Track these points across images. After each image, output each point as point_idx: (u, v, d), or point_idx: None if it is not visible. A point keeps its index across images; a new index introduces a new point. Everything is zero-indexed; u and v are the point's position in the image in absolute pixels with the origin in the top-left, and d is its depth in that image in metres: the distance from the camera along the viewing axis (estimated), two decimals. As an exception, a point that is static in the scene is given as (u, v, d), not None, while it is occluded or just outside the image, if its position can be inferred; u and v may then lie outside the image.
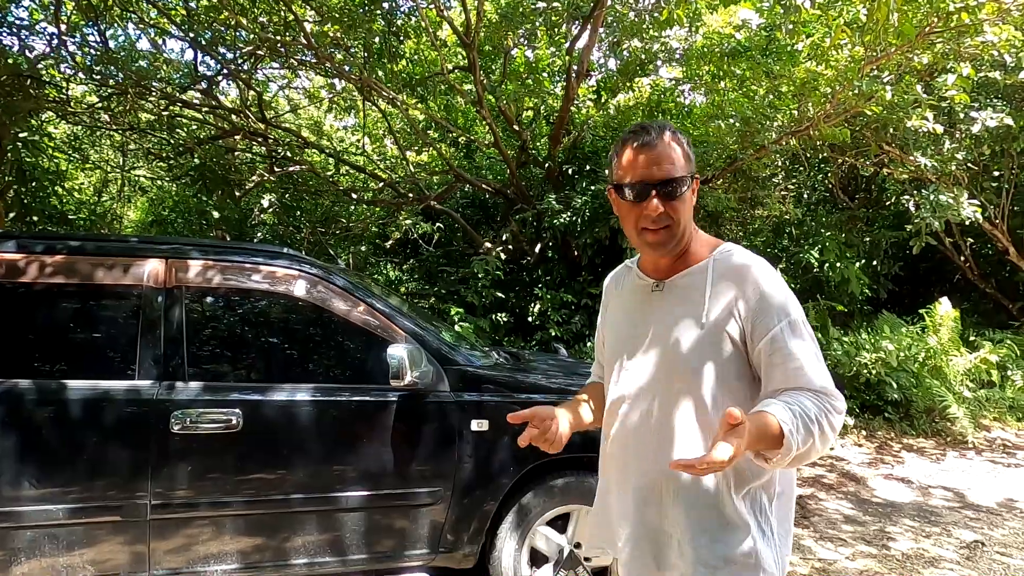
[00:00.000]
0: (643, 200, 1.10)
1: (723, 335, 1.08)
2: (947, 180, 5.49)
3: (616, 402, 1.21)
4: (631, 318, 1.22)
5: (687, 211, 1.13)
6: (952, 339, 6.12)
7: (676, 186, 1.10)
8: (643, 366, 1.16)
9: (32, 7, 5.82)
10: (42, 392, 1.97)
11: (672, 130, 1.14)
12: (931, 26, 4.17)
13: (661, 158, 1.10)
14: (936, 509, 3.86)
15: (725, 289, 1.10)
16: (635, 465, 1.16)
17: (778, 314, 1.06)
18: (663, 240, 1.12)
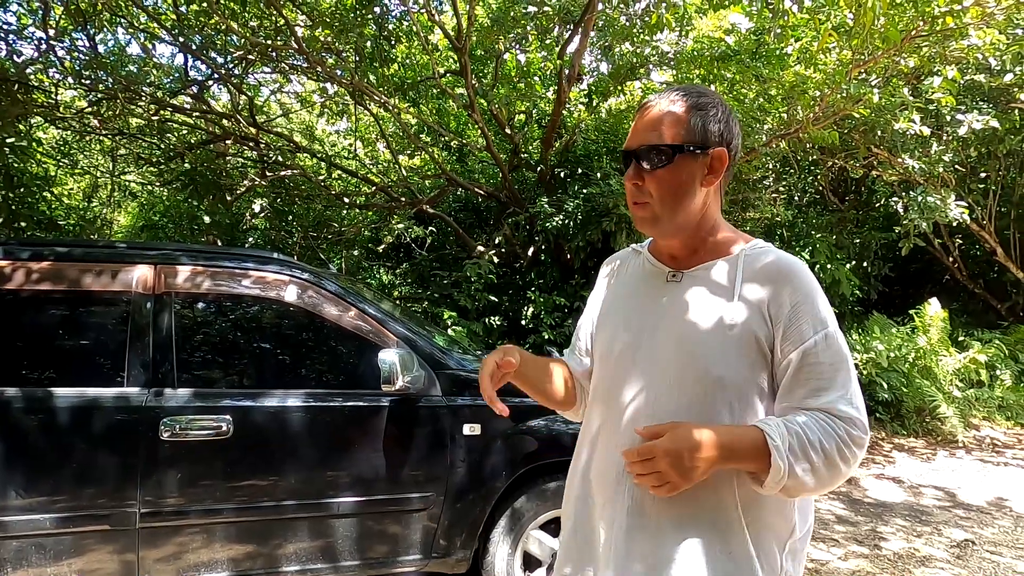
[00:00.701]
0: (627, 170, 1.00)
1: (751, 339, 0.94)
2: (935, 182, 5.55)
3: (618, 406, 1.02)
4: (639, 306, 1.05)
5: (675, 187, 0.97)
6: (941, 339, 6.18)
7: (653, 155, 0.95)
8: (653, 363, 0.99)
9: (20, 12, 5.78)
10: (30, 400, 1.95)
11: (685, 93, 0.98)
12: (917, 30, 4.22)
13: (650, 124, 0.98)
14: (927, 509, 3.89)
15: (757, 288, 0.96)
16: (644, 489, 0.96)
17: (815, 324, 0.93)
18: (643, 218, 1.00)
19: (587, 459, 1.08)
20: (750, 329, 0.94)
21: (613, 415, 1.03)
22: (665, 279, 1.05)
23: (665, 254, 1.07)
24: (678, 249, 1.05)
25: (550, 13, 5.57)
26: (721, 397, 0.94)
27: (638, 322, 1.04)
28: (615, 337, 1.06)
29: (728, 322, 0.95)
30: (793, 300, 0.94)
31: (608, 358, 1.07)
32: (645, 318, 1.03)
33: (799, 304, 0.94)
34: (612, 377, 1.05)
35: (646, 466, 0.89)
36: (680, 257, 1.05)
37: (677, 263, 1.05)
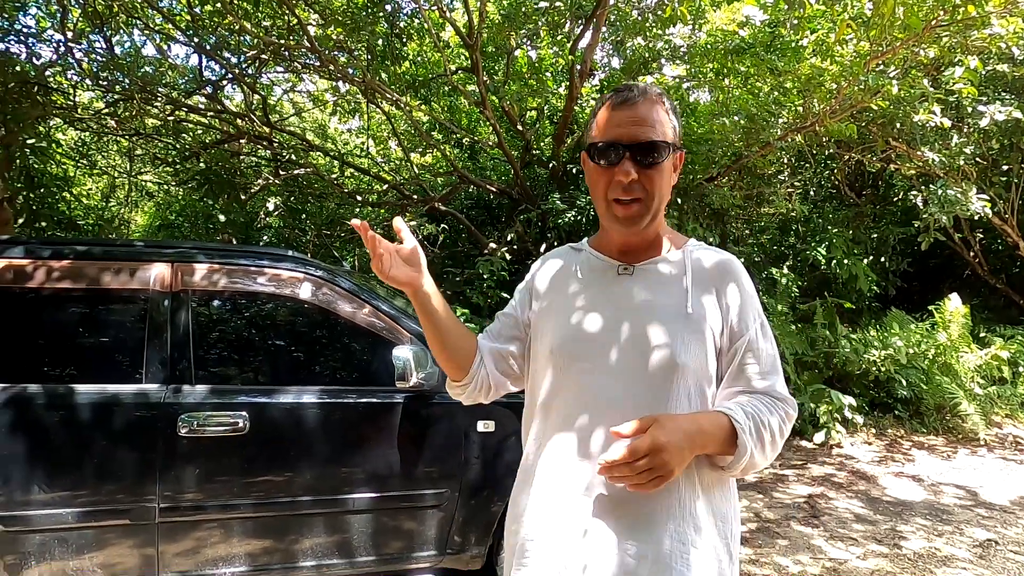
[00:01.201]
0: (615, 164, 0.98)
1: (706, 328, 0.99)
2: (955, 175, 5.43)
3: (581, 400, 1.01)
4: (593, 303, 1.05)
5: (664, 184, 1.00)
6: (962, 336, 6.06)
7: (653, 152, 0.97)
8: (615, 354, 1.00)
9: (39, 15, 5.87)
10: (51, 396, 1.98)
11: (661, 92, 1.02)
12: (937, 19, 4.13)
13: (640, 118, 0.98)
14: (948, 507, 3.82)
15: (706, 282, 1.03)
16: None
17: (755, 315, 1.03)
18: (634, 215, 1.00)
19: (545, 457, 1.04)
20: (704, 319, 1.00)
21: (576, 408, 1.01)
22: (616, 272, 1.06)
23: (615, 249, 1.08)
24: (637, 244, 1.06)
25: (562, 8, 5.54)
26: (683, 385, 0.98)
27: (592, 316, 1.04)
28: (574, 333, 1.04)
29: (686, 312, 1.00)
30: (739, 293, 1.02)
31: (571, 356, 1.03)
32: (601, 311, 1.03)
33: (743, 297, 1.02)
34: (576, 373, 1.02)
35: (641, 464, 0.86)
36: (635, 251, 1.07)
37: (628, 257, 1.07)
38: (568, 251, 1.16)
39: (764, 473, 4.50)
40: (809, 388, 5.58)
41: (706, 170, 5.98)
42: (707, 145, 5.86)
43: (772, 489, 4.13)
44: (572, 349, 1.03)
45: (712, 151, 5.77)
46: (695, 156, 6.08)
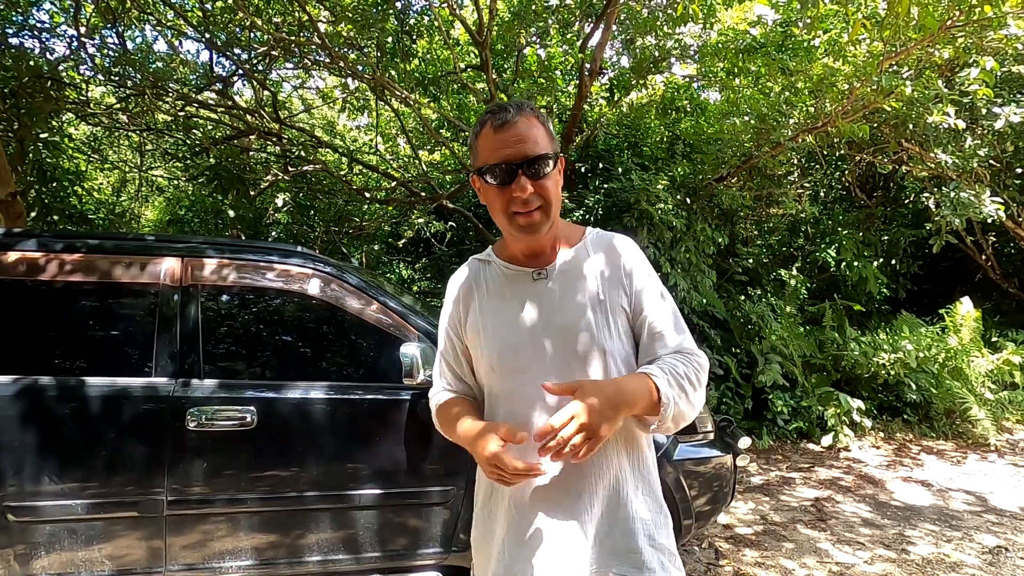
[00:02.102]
0: (510, 182, 1.06)
1: (619, 308, 1.12)
2: (968, 177, 5.37)
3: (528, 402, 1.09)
4: (517, 311, 1.12)
5: (556, 190, 1.10)
6: (973, 340, 6.00)
7: (542, 164, 1.06)
8: (547, 354, 1.09)
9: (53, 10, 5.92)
10: (61, 388, 2.00)
11: (531, 107, 1.10)
12: (953, 20, 4.08)
13: (522, 136, 1.05)
14: (957, 513, 3.79)
15: (608, 267, 1.14)
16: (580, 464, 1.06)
17: (654, 287, 1.15)
18: (538, 221, 1.08)
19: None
20: (616, 301, 1.12)
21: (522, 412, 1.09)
22: (531, 279, 1.15)
23: (521, 256, 1.16)
24: (542, 247, 1.15)
25: (572, 6, 5.52)
26: (613, 367, 1.09)
27: (523, 322, 1.12)
28: (508, 342, 1.12)
29: (600, 299, 1.11)
30: (637, 269, 1.14)
31: (509, 363, 1.12)
32: (526, 318, 1.12)
33: (639, 273, 1.14)
34: (510, 381, 1.11)
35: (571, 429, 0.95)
36: (541, 255, 1.15)
37: (536, 261, 1.16)
38: (476, 265, 1.24)
39: (771, 476, 4.47)
40: (817, 390, 5.55)
41: (716, 170, 5.95)
42: (717, 145, 5.83)
43: (779, 492, 4.11)
44: (508, 359, 1.12)
45: (722, 151, 5.74)
46: (705, 156, 6.04)
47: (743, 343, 5.77)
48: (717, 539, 3.29)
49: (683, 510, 2.39)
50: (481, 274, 1.21)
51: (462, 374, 1.23)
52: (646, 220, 5.28)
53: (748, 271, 6.63)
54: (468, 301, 1.20)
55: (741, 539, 3.30)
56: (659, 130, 6.86)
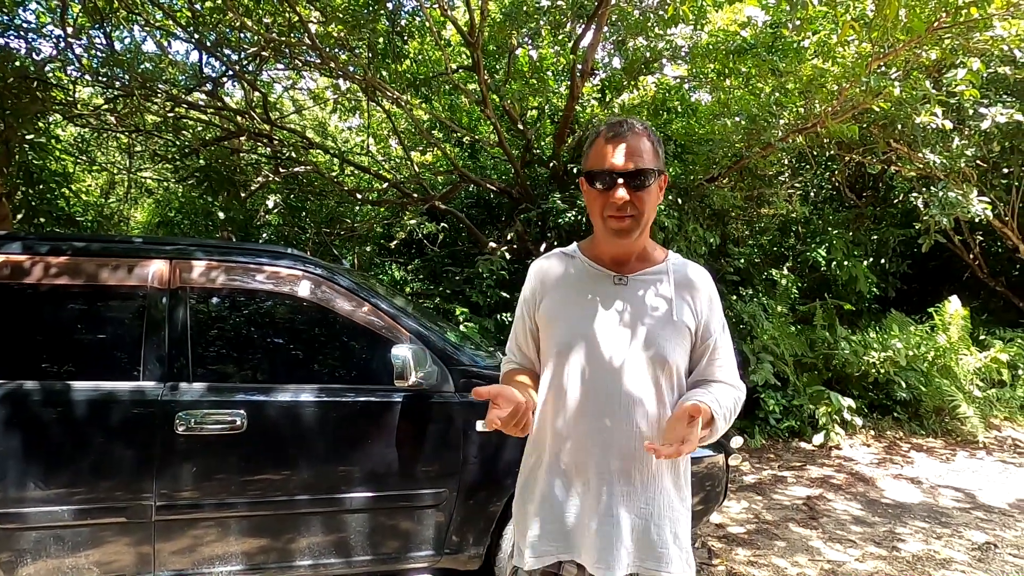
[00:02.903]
0: (610, 188, 1.16)
1: (686, 329, 1.22)
2: (956, 177, 5.43)
3: (590, 390, 1.19)
4: (595, 306, 1.23)
5: (652, 203, 1.20)
6: (962, 338, 6.06)
7: (643, 177, 1.16)
8: (623, 353, 1.19)
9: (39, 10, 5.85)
10: (47, 393, 1.97)
11: (646, 127, 1.21)
12: (940, 21, 4.12)
13: (631, 150, 1.16)
14: (946, 510, 3.82)
15: (686, 292, 1.25)
16: (623, 454, 1.17)
17: (720, 321, 1.28)
18: (628, 228, 1.18)
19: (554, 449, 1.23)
20: (686, 323, 1.22)
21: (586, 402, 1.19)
22: (612, 282, 1.25)
23: (608, 260, 1.26)
24: (628, 255, 1.25)
25: (563, 7, 5.53)
26: (671, 379, 1.21)
27: (595, 318, 1.22)
28: (574, 332, 1.22)
29: (673, 318, 1.21)
30: (710, 302, 1.27)
31: (567, 352, 1.22)
32: (601, 314, 1.22)
33: (713, 305, 1.27)
34: (583, 367, 1.20)
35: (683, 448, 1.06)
36: (625, 262, 1.26)
37: (620, 268, 1.26)
38: (562, 256, 1.32)
39: (763, 475, 4.49)
40: (808, 389, 5.58)
41: (707, 170, 5.97)
42: (708, 146, 5.85)
43: (771, 491, 4.13)
44: (579, 345, 1.21)
45: (713, 152, 5.76)
46: (696, 156, 6.06)
47: (735, 343, 5.79)
48: (710, 538, 3.30)
49: (676, 510, 2.40)
50: (565, 266, 1.30)
51: (527, 350, 1.34)
52: (638, 220, 5.29)
53: (739, 271, 6.67)
54: (547, 287, 1.29)
55: (734, 538, 3.32)
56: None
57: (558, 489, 1.21)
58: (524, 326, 1.32)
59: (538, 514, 1.22)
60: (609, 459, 1.17)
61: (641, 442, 1.16)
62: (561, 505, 1.20)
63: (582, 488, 1.19)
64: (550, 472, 1.22)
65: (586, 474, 1.18)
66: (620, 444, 1.17)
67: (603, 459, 1.17)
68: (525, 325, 1.32)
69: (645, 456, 1.17)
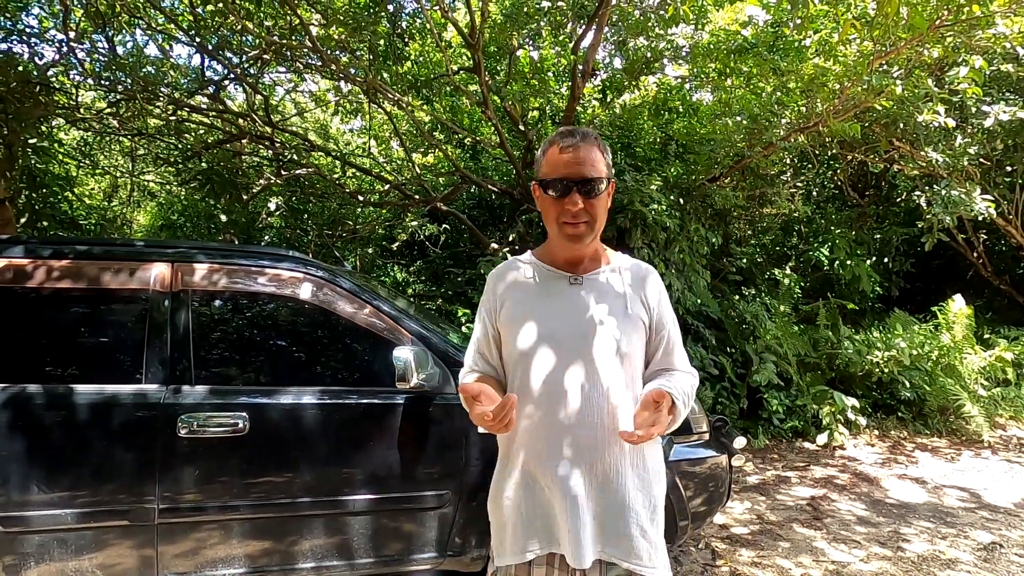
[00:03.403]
0: (565, 196, 1.23)
1: (640, 322, 1.29)
2: (959, 175, 5.41)
3: (550, 387, 1.24)
4: (552, 307, 1.29)
5: (603, 210, 1.27)
6: (966, 337, 6.03)
7: (595, 185, 1.23)
8: (578, 351, 1.24)
9: (42, 15, 5.88)
10: (50, 396, 1.97)
11: (596, 136, 1.28)
12: (942, 19, 4.11)
13: (584, 159, 1.23)
14: (951, 510, 3.80)
15: (638, 288, 1.32)
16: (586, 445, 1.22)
17: (670, 314, 1.36)
18: (582, 233, 1.25)
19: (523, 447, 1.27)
20: (640, 316, 1.29)
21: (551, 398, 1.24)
22: (568, 282, 1.31)
23: (562, 262, 1.33)
24: (581, 257, 1.32)
25: (564, 8, 5.53)
26: (627, 369, 1.27)
27: (554, 318, 1.28)
28: (535, 332, 1.27)
29: (628, 311, 1.28)
30: (660, 296, 1.34)
31: (530, 352, 1.27)
32: (560, 313, 1.28)
33: (662, 300, 1.35)
34: (543, 366, 1.25)
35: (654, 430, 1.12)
36: (580, 263, 1.32)
37: (574, 268, 1.32)
38: (517, 262, 1.39)
39: (767, 475, 4.48)
40: (812, 389, 5.56)
41: (708, 170, 5.96)
42: (709, 145, 5.84)
43: (774, 491, 4.12)
44: (539, 346, 1.26)
45: (714, 151, 5.75)
46: (697, 156, 6.05)
47: (738, 343, 5.78)
48: (713, 539, 3.29)
49: (679, 511, 2.39)
50: (521, 271, 1.37)
51: (490, 357, 1.38)
52: (640, 221, 5.28)
53: (742, 271, 6.65)
54: (506, 293, 1.35)
55: (737, 539, 3.30)
56: (652, 131, 6.87)
57: (528, 486, 1.26)
58: (486, 333, 1.37)
59: (511, 512, 1.27)
60: (574, 453, 1.22)
61: (604, 434, 1.22)
62: (532, 501, 1.25)
63: (550, 483, 1.23)
64: (521, 470, 1.27)
65: (554, 469, 1.22)
66: (584, 437, 1.22)
67: (568, 453, 1.22)
68: (487, 332, 1.36)
69: (608, 449, 1.22)
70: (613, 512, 1.22)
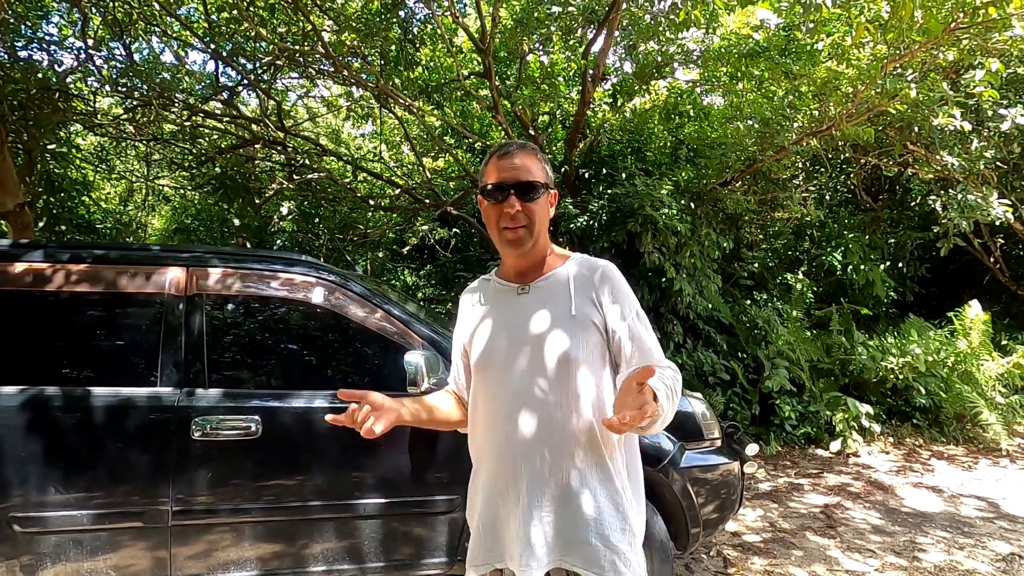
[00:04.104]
0: (503, 200, 1.26)
1: (590, 324, 1.25)
2: (975, 179, 5.33)
3: (500, 400, 1.26)
4: (500, 321, 1.31)
5: (542, 215, 1.29)
6: (983, 343, 5.94)
7: (532, 188, 1.26)
8: (524, 361, 1.25)
9: (61, 23, 5.99)
10: (66, 398, 2.00)
11: (534, 148, 1.32)
12: (957, 22, 4.07)
13: (520, 166, 1.27)
14: (969, 520, 3.74)
15: (585, 286, 1.28)
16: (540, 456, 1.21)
17: (629, 306, 1.28)
18: (521, 237, 1.26)
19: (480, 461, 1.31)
20: (588, 316, 1.25)
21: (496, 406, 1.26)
22: (516, 293, 1.32)
23: (513, 274, 1.35)
24: (527, 266, 1.33)
25: (575, 13, 5.54)
26: (579, 373, 1.22)
27: (502, 332, 1.29)
28: (488, 347, 1.29)
29: (572, 314, 1.25)
30: (611, 291, 1.28)
31: (486, 367, 1.29)
32: (509, 327, 1.29)
33: (615, 293, 1.28)
34: (493, 380, 1.27)
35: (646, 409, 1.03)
36: (527, 272, 1.33)
37: (524, 278, 1.33)
38: (481, 283, 1.42)
39: (779, 482, 4.43)
40: (825, 395, 5.50)
41: (720, 174, 5.93)
42: (721, 149, 5.82)
43: (787, 499, 4.07)
44: (488, 361, 1.29)
45: (726, 155, 5.72)
46: (708, 160, 6.03)
47: (749, 348, 5.73)
48: (725, 547, 3.26)
49: (690, 518, 2.37)
50: (482, 290, 1.40)
51: (459, 377, 1.43)
52: (650, 225, 5.27)
53: (753, 275, 6.60)
54: (468, 314, 1.39)
55: (749, 547, 3.27)
56: (663, 135, 6.86)
57: (487, 499, 1.27)
58: (457, 354, 1.42)
59: (475, 525, 1.30)
60: (524, 463, 1.21)
61: (559, 443, 1.20)
62: (491, 514, 1.27)
63: (504, 494, 1.24)
64: (482, 484, 1.30)
65: (506, 480, 1.24)
66: (533, 447, 1.21)
67: (519, 464, 1.22)
68: (458, 353, 1.42)
69: (565, 458, 1.20)
70: (571, 520, 1.20)
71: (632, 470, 1.29)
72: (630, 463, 1.29)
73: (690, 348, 5.51)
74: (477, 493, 1.31)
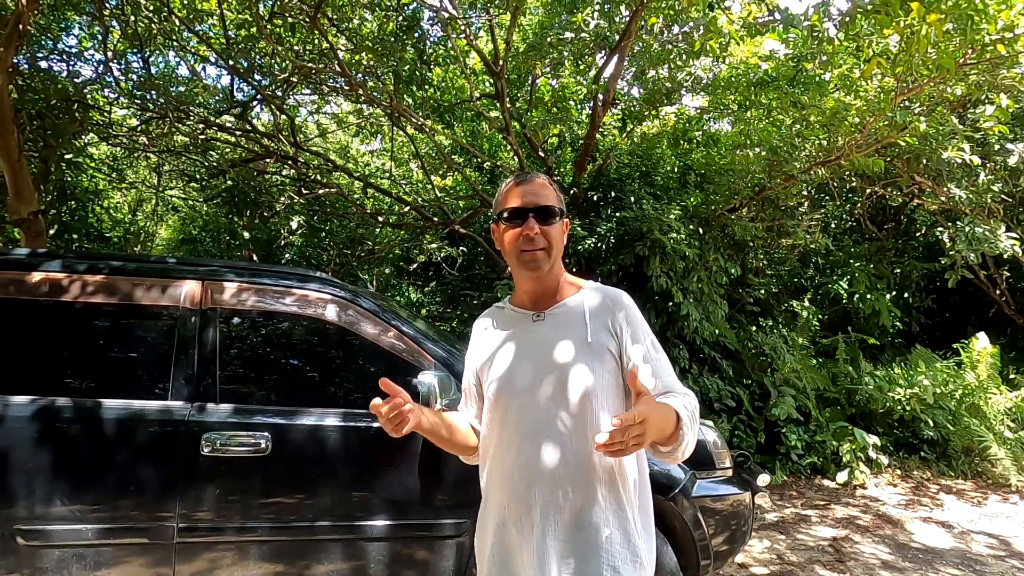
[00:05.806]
0: (522, 223, 1.27)
1: (605, 351, 1.25)
2: (982, 212, 5.36)
3: (519, 428, 1.24)
4: (519, 347, 1.31)
5: (559, 238, 1.31)
6: (991, 376, 5.90)
7: (550, 213, 1.29)
8: (540, 387, 1.24)
9: (81, 35, 6.10)
10: (76, 410, 1.99)
11: (547, 177, 1.36)
12: (966, 58, 4.12)
13: (537, 191, 1.30)
14: (980, 557, 3.67)
15: (601, 313, 1.29)
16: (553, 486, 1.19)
17: (644, 334, 1.29)
18: (539, 259, 1.28)
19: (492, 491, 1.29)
20: (604, 344, 1.26)
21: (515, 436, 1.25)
22: (531, 320, 1.33)
23: (527, 300, 1.35)
24: (542, 292, 1.33)
25: (587, 39, 5.62)
26: (596, 401, 1.22)
27: (518, 359, 1.29)
28: (508, 373, 1.29)
29: (587, 341, 1.25)
30: (626, 318, 1.29)
31: (508, 393, 1.28)
32: (524, 354, 1.29)
33: (630, 321, 1.29)
34: (516, 407, 1.26)
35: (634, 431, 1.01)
36: (541, 299, 1.33)
37: (538, 305, 1.34)
38: (495, 310, 1.43)
39: (785, 512, 4.36)
40: (831, 425, 5.45)
41: (728, 200, 5.97)
42: (729, 176, 5.86)
43: (794, 530, 4.01)
44: (506, 389, 1.28)
45: (734, 182, 5.76)
46: (717, 186, 6.07)
47: (755, 374, 5.70)
48: (732, 579, 3.20)
49: (701, 548, 2.33)
50: (496, 317, 1.40)
51: (469, 404, 1.43)
52: (658, 249, 5.28)
53: (759, 301, 6.59)
54: (482, 341, 1.39)
55: (757, 579, 3.21)
56: (671, 160, 6.91)
57: (499, 527, 1.26)
58: (469, 381, 1.42)
59: (486, 556, 1.28)
60: (539, 493, 1.21)
61: (572, 473, 1.19)
62: (503, 544, 1.25)
63: (518, 524, 1.22)
64: (493, 514, 1.28)
65: (519, 510, 1.22)
66: (550, 477, 1.20)
67: (533, 494, 1.21)
68: (470, 380, 1.42)
69: (578, 488, 1.20)
70: (583, 552, 1.18)
71: (643, 500, 1.28)
72: (641, 493, 1.28)
73: (696, 373, 5.48)
74: (488, 520, 1.30)
